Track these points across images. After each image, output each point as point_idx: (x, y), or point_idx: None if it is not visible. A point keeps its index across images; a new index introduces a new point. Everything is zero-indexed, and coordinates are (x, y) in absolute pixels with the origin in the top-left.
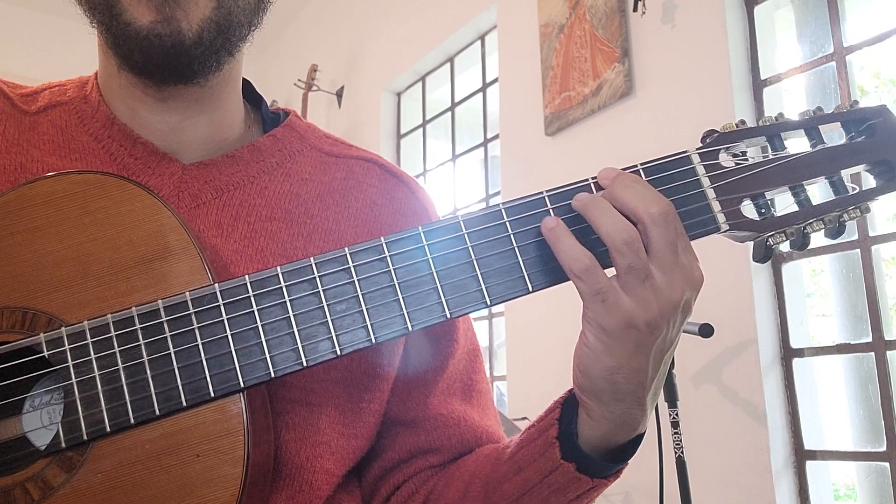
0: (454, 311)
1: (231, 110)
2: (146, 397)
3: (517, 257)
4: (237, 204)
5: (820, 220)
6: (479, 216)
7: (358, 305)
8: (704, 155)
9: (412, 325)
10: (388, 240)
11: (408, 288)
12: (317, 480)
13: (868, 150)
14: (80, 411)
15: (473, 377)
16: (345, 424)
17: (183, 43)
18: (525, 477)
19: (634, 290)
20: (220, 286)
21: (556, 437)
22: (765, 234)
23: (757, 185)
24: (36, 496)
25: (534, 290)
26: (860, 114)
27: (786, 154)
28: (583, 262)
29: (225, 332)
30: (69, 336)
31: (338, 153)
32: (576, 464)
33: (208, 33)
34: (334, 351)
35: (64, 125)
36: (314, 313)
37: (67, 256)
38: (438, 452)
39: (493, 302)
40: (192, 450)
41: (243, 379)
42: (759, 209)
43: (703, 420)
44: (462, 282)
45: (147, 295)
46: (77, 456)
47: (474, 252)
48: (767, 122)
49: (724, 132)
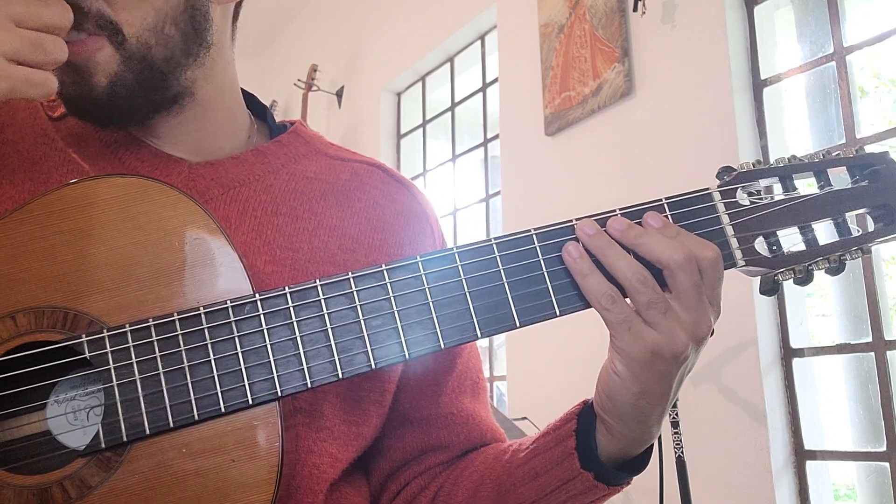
0: (485, 331)
1: (225, 120)
2: (185, 402)
3: (546, 283)
4: (243, 200)
5: (825, 260)
6: (512, 240)
7: (393, 322)
8: (724, 193)
9: (444, 343)
10: (423, 258)
11: (441, 307)
12: (322, 464)
13: (870, 195)
14: (120, 413)
15: (478, 374)
16: (346, 411)
17: (98, 100)
18: (542, 483)
19: (658, 323)
20: (260, 295)
21: (574, 447)
22: (775, 270)
23: (770, 223)
24: (73, 494)
25: (561, 314)
26: (864, 159)
27: (797, 194)
28: (608, 294)
29: (264, 342)
30: (111, 338)
31: (342, 157)
32: (594, 473)
33: (122, 83)
34: (369, 364)
35: (80, 132)
36: (351, 327)
37: (109, 259)
38: (447, 449)
39: (522, 324)
40: (229, 454)
41: (281, 388)
42: (771, 246)
43: (703, 420)
44: (493, 303)
45: (188, 301)
46: (115, 457)
47: (505, 275)
48: (780, 162)
49: (742, 171)
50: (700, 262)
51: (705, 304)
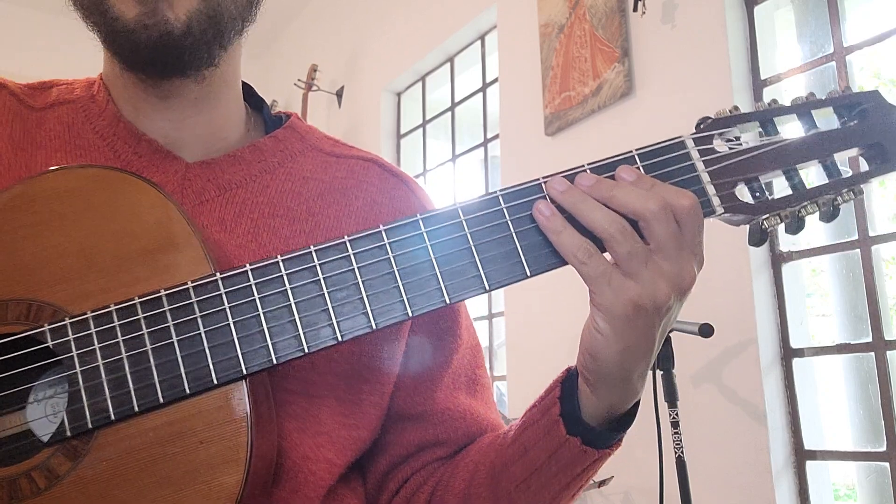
0: (453, 296)
1: (230, 111)
2: (150, 385)
3: (515, 243)
4: (240, 201)
5: (814, 203)
6: (477, 203)
7: (358, 292)
8: (699, 140)
9: (412, 311)
10: (387, 227)
11: (407, 275)
12: (319, 470)
13: (860, 134)
14: (84, 400)
15: (477, 371)
16: (345, 415)
17: (171, 33)
18: (532, 457)
19: (639, 275)
20: (222, 274)
21: (559, 414)
22: (759, 216)
23: (751, 168)
24: (42, 485)
25: (532, 275)
26: (852, 98)
27: (779, 139)
28: (585, 248)
29: (227, 320)
30: (73, 325)
31: (339, 153)
32: (581, 437)
33: (198, 24)
34: (335, 337)
35: (71, 122)
36: (315, 300)
37: (71, 249)
38: (445, 445)
39: (492, 287)
40: (197, 436)
41: (246, 366)
42: (754, 192)
43: (703, 420)
44: (461, 268)
45: (150, 285)
46: (82, 445)
47: (472, 238)
48: (761, 107)
49: (717, 118)
50: (676, 210)
51: (686, 253)
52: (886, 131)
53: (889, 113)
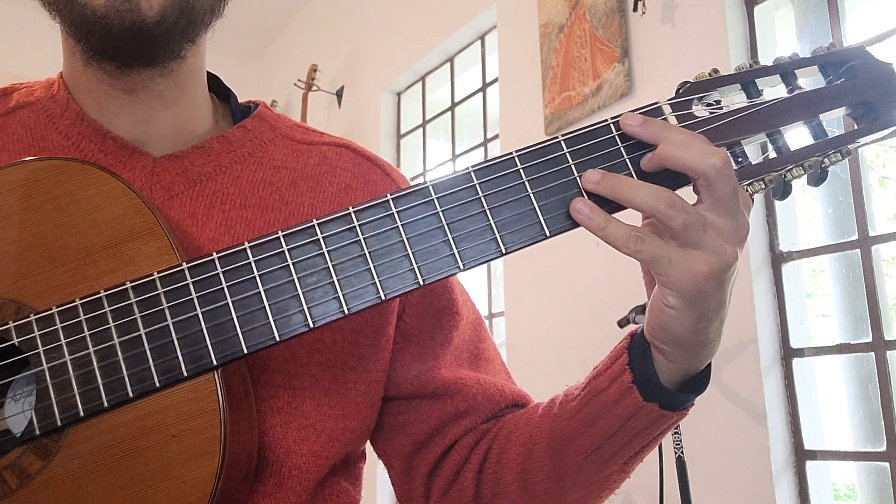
0: (427, 277)
1: (197, 103)
2: (119, 380)
3: (489, 220)
4: (210, 194)
5: (800, 166)
6: (449, 180)
7: (329, 277)
8: (676, 105)
9: (385, 294)
10: (356, 209)
11: (379, 256)
12: (304, 463)
13: (848, 93)
14: (52, 397)
15: (479, 346)
16: (331, 406)
17: (144, 21)
18: (602, 427)
19: (700, 243)
20: (188, 264)
21: (631, 381)
22: (742, 182)
23: (732, 133)
24: (13, 485)
25: (507, 252)
26: (839, 56)
27: (761, 100)
28: (634, 236)
29: (195, 311)
30: (38, 322)
31: (310, 140)
32: (659, 402)
33: (171, 13)
34: (307, 324)
35: (33, 125)
36: (285, 287)
37: (33, 244)
38: (468, 415)
39: (467, 266)
40: (168, 430)
41: (215, 357)
42: (736, 158)
43: (703, 420)
44: (434, 248)
45: (116, 278)
46: (52, 443)
47: (445, 217)
48: (741, 68)
49: (696, 81)
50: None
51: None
52: (875, 89)
53: (878, 70)
